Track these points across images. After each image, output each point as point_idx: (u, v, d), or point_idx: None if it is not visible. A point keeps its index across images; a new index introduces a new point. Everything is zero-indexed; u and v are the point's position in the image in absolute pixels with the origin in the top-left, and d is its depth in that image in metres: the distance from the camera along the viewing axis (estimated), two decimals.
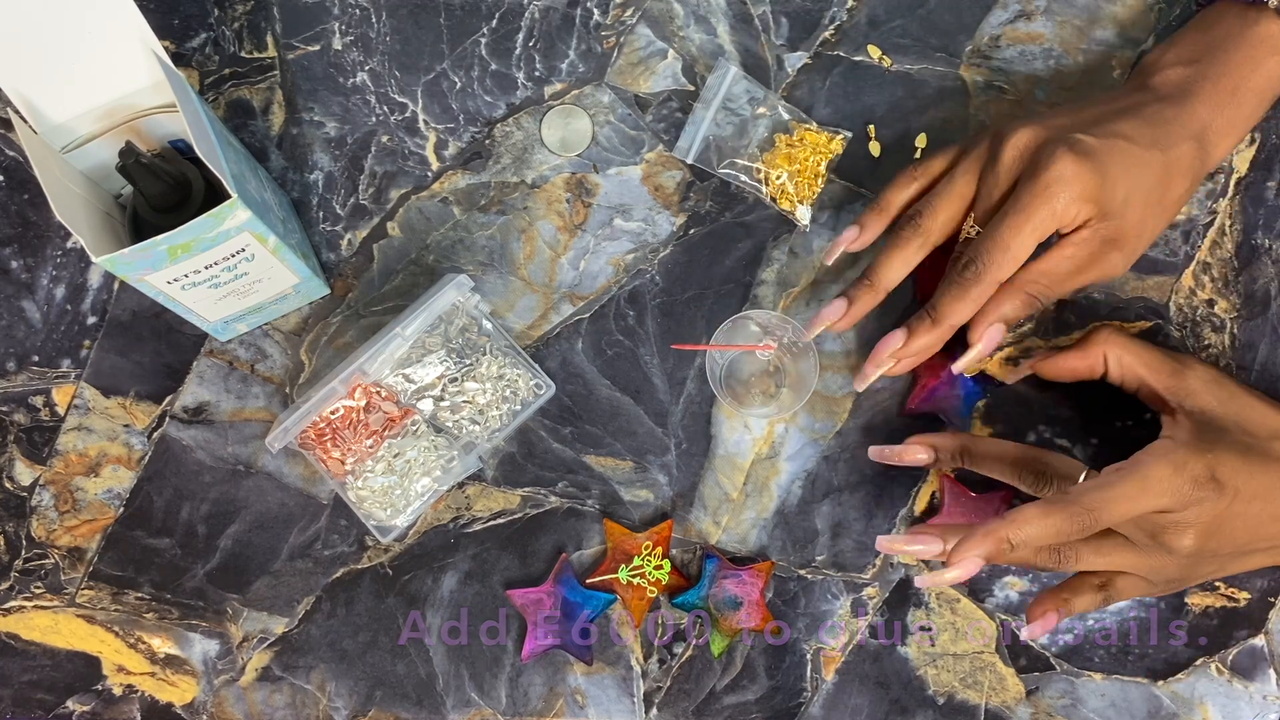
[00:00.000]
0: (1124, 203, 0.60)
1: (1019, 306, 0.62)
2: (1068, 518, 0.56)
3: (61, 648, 0.69)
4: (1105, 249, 0.61)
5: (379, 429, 0.67)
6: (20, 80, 0.58)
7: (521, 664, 0.69)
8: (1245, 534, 0.59)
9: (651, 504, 0.70)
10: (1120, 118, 0.61)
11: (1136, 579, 0.62)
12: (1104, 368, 0.65)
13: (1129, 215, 0.60)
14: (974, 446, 0.65)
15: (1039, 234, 0.59)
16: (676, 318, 0.71)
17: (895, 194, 0.66)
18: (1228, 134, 0.62)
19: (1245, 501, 0.57)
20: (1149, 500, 0.56)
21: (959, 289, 0.61)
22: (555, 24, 0.71)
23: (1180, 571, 0.61)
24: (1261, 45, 0.62)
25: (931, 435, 0.66)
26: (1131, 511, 0.56)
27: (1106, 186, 0.59)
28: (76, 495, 0.69)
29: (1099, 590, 0.63)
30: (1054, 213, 0.59)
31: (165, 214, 0.60)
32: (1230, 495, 0.57)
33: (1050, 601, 0.63)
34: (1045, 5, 0.71)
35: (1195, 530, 0.57)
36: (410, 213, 0.71)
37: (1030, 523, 0.56)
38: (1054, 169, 0.58)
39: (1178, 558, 0.59)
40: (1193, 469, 0.56)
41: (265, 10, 0.71)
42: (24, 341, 0.70)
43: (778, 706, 0.70)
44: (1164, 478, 0.56)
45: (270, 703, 0.70)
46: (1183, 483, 0.56)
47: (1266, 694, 0.70)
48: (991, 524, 0.56)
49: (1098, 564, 0.61)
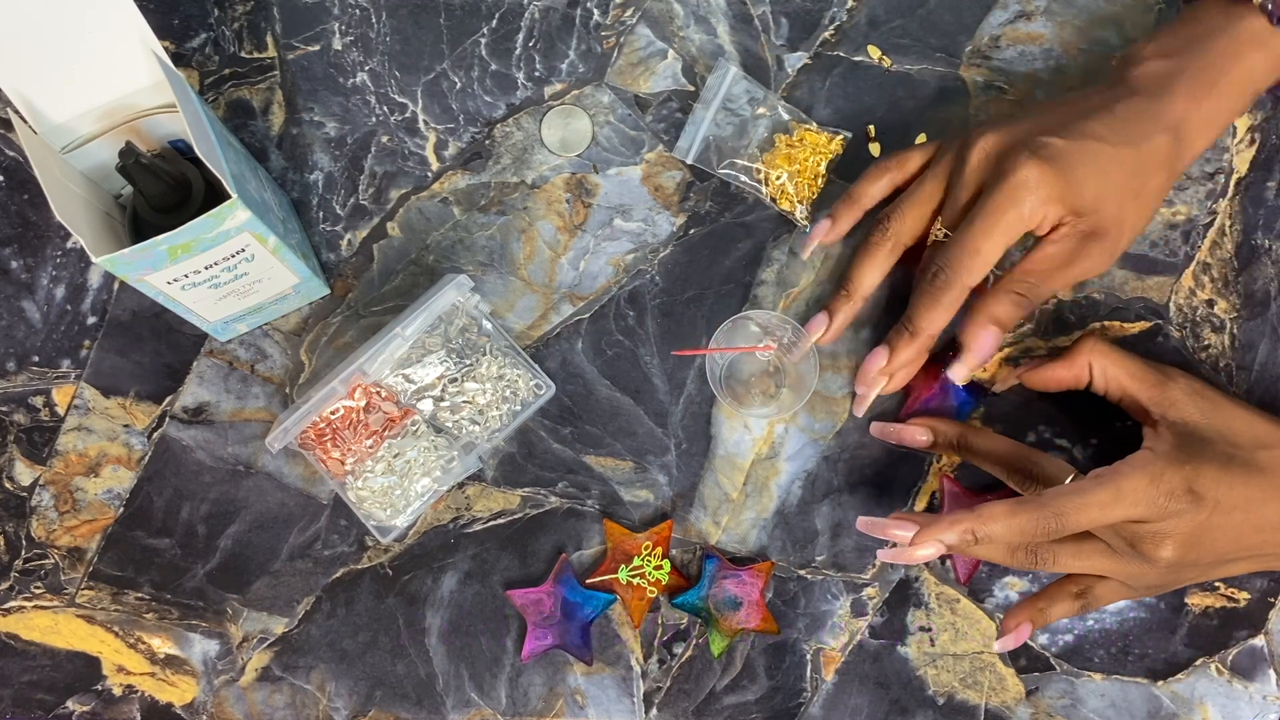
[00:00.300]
0: (1096, 199, 0.60)
1: (1008, 308, 0.62)
2: (1034, 520, 0.56)
3: (61, 648, 0.69)
4: (1086, 245, 0.61)
5: (379, 429, 0.67)
6: (20, 80, 0.58)
7: (521, 664, 0.69)
8: (1226, 544, 0.59)
9: (651, 504, 0.70)
10: (1091, 117, 0.61)
11: (1116, 585, 0.62)
12: (1089, 377, 0.65)
13: (1104, 211, 0.60)
14: (971, 438, 0.66)
15: (1007, 238, 0.60)
16: (676, 318, 0.71)
17: (867, 186, 0.67)
18: (1206, 127, 0.62)
19: (1225, 513, 0.58)
20: (1121, 510, 0.56)
21: (931, 298, 0.62)
22: (555, 24, 0.71)
23: (1160, 579, 0.61)
24: (1243, 40, 0.61)
25: (933, 419, 0.67)
26: (1101, 520, 0.57)
27: (1074, 187, 0.59)
28: (76, 495, 0.69)
29: (1076, 598, 0.63)
30: (1021, 217, 0.59)
31: (165, 214, 0.60)
32: (1209, 507, 0.57)
33: (1025, 612, 0.64)
34: (1045, 5, 0.71)
35: (1173, 541, 0.57)
36: (410, 213, 0.71)
37: (996, 520, 0.57)
38: (1018, 174, 0.59)
39: (1156, 567, 0.59)
40: (1169, 481, 0.57)
41: (265, 10, 0.71)
42: (24, 341, 0.70)
43: (778, 706, 0.70)
44: (1138, 489, 0.56)
45: (270, 703, 0.70)
46: (1158, 495, 0.56)
47: (1266, 694, 0.70)
48: (960, 514, 0.57)
49: (1075, 567, 0.61)
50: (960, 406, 0.69)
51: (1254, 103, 0.64)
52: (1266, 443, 0.60)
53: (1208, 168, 0.71)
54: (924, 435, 0.66)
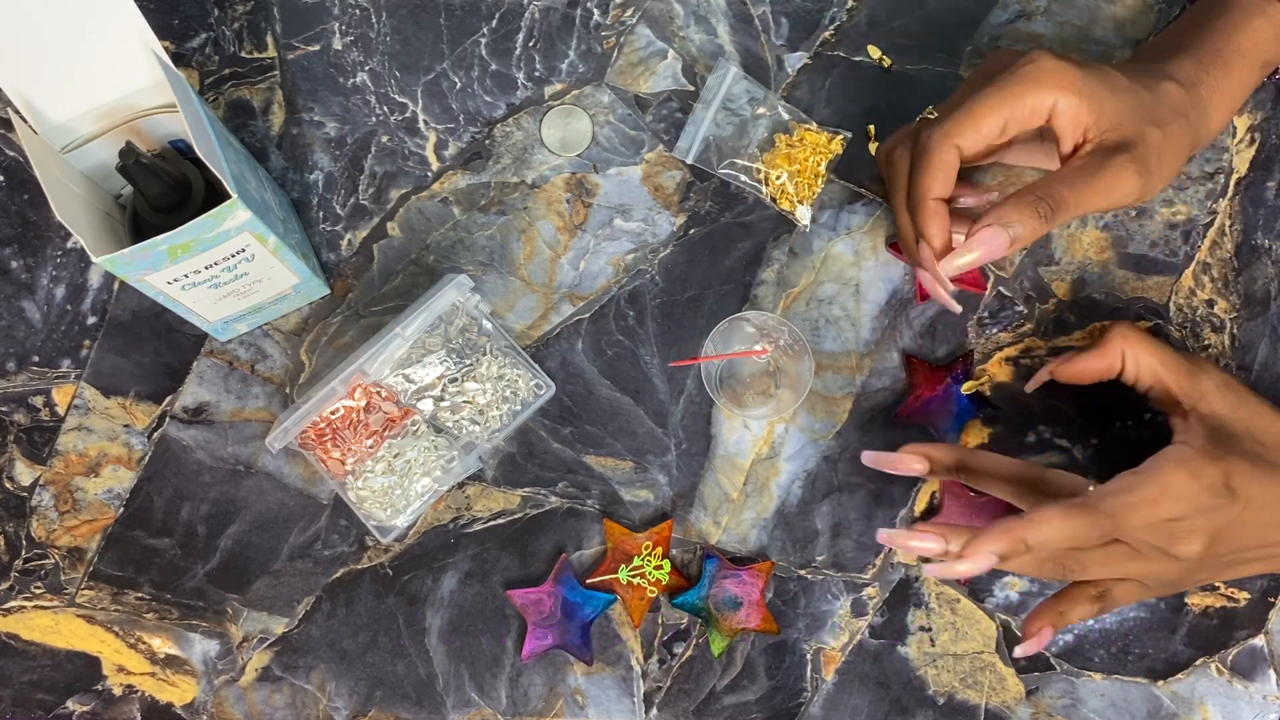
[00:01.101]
0: (1117, 114, 0.58)
1: (1022, 212, 0.58)
2: (1089, 523, 0.55)
3: (61, 648, 0.69)
4: (1114, 159, 0.58)
5: (379, 429, 0.67)
6: (20, 80, 0.58)
7: (521, 664, 0.69)
8: (1249, 541, 0.59)
9: (651, 504, 0.70)
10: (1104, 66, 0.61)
11: (1134, 585, 0.62)
12: (1121, 366, 0.63)
13: (1127, 126, 0.58)
14: (971, 462, 0.63)
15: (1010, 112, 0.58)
16: (676, 318, 0.71)
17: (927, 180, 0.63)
18: (1218, 93, 0.61)
19: (1255, 510, 0.57)
20: (1167, 506, 0.56)
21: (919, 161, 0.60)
22: (555, 24, 0.71)
23: (1180, 576, 0.60)
24: (1242, 11, 0.61)
25: (928, 446, 0.64)
26: (1151, 518, 0.56)
27: (1092, 94, 0.58)
28: (76, 495, 0.69)
29: (1096, 600, 0.62)
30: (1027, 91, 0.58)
31: (165, 214, 0.60)
32: (1242, 503, 0.57)
33: (1046, 616, 0.62)
34: (1045, 5, 0.71)
35: (1204, 536, 0.57)
36: (410, 213, 0.71)
37: (1049, 524, 0.55)
38: (1030, 55, 0.58)
39: (1181, 563, 0.59)
40: (1209, 476, 0.56)
41: (265, 10, 0.71)
42: (24, 341, 0.70)
43: (778, 706, 0.70)
44: (1182, 483, 0.56)
45: (270, 703, 0.70)
46: (1199, 490, 0.56)
47: (1266, 694, 0.70)
48: (1010, 522, 0.56)
49: (1102, 573, 0.60)
50: (959, 414, 0.69)
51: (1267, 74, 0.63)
52: None
53: (1207, 168, 0.71)
54: (919, 464, 0.63)
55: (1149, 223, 0.71)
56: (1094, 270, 0.70)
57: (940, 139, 0.59)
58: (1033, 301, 0.70)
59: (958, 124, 0.59)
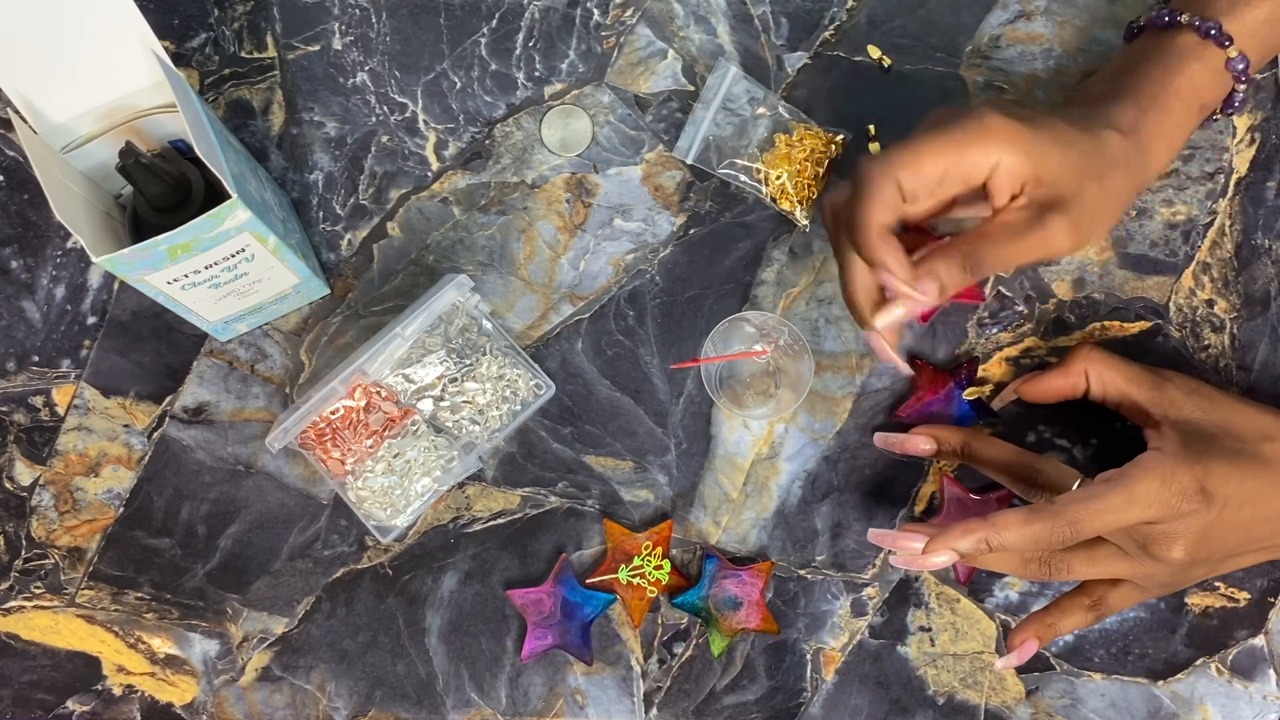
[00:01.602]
0: (1059, 168, 0.57)
1: (948, 267, 0.57)
2: (1048, 528, 0.56)
3: (61, 648, 0.69)
4: (1044, 216, 0.57)
5: (379, 429, 0.67)
6: (20, 80, 0.58)
7: (521, 664, 0.69)
8: (1236, 538, 0.59)
9: (651, 504, 0.70)
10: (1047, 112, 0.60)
11: (1128, 591, 0.62)
12: (1086, 385, 0.65)
13: (1064, 183, 0.57)
14: (975, 446, 0.66)
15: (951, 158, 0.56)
16: (676, 318, 0.71)
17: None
18: (1158, 138, 0.60)
19: (1235, 509, 0.58)
20: (1134, 513, 0.56)
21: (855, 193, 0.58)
22: (555, 24, 0.71)
23: (1172, 577, 0.61)
24: (1177, 54, 0.61)
25: (936, 427, 0.67)
26: (1115, 524, 0.56)
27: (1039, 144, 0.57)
28: (76, 495, 0.69)
29: (1090, 610, 0.63)
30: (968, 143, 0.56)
31: (165, 214, 0.60)
32: (1220, 505, 0.57)
33: (1032, 628, 0.63)
34: (1045, 5, 0.71)
35: (1185, 541, 0.57)
36: (410, 213, 0.71)
37: (1010, 528, 0.56)
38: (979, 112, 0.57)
39: (1168, 567, 0.59)
40: (1180, 482, 0.56)
41: (265, 10, 0.71)
42: (24, 341, 0.70)
43: (778, 706, 0.70)
44: (1150, 490, 0.56)
45: (270, 703, 0.70)
46: (1170, 496, 0.56)
47: (1266, 694, 0.70)
48: (974, 522, 0.57)
49: (1089, 574, 0.61)
50: (959, 419, 0.69)
51: (1205, 119, 0.63)
52: (1269, 434, 0.60)
53: (1207, 168, 0.71)
54: (928, 444, 0.66)
55: (1149, 223, 0.71)
56: (1094, 270, 0.70)
57: (881, 170, 0.57)
58: (1033, 301, 0.70)
59: (900, 156, 0.57)
